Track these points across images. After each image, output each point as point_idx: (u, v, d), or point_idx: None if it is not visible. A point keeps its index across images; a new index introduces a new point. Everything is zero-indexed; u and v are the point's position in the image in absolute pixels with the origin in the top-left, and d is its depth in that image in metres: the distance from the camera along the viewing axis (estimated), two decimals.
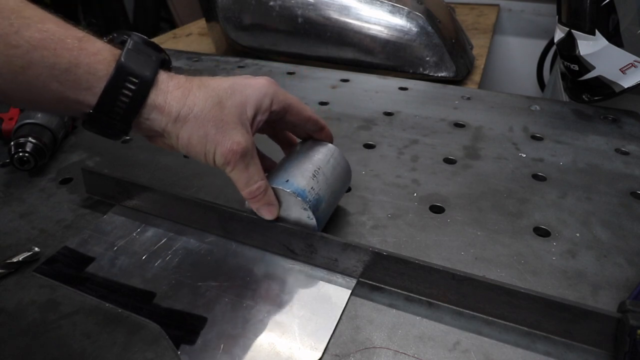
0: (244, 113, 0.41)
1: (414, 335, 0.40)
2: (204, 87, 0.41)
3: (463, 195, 0.56)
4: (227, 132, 0.40)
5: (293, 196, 0.43)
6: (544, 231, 0.50)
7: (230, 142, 0.40)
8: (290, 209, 0.44)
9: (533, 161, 0.63)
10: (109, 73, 0.37)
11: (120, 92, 0.38)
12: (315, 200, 0.44)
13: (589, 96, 0.74)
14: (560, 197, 0.56)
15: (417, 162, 0.63)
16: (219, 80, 0.42)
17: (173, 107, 0.39)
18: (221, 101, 0.40)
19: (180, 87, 0.40)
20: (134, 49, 0.39)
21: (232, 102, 0.41)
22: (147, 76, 0.39)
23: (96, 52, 0.37)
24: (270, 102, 0.43)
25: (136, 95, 0.38)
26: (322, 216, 0.46)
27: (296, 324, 0.41)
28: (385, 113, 0.76)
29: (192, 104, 0.39)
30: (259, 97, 0.42)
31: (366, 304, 0.43)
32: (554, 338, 0.39)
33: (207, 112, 0.39)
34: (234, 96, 0.41)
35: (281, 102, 0.44)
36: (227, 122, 0.40)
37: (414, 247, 0.49)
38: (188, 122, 0.39)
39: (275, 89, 0.44)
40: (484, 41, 1.20)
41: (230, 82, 0.42)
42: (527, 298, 0.38)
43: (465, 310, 0.42)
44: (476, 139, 0.68)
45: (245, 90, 0.42)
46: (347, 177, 0.51)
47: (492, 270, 0.45)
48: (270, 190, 0.44)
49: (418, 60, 0.91)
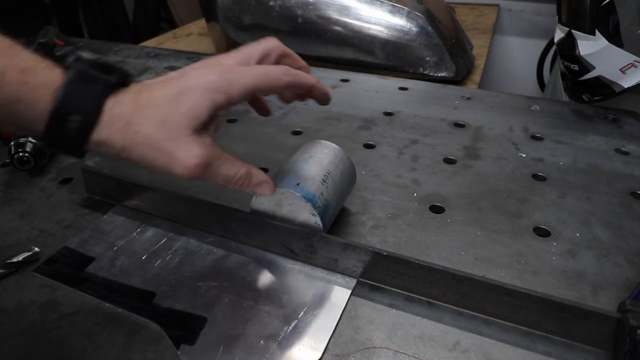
0: (195, 118, 0.37)
1: (414, 335, 0.40)
2: (148, 106, 0.37)
3: (463, 195, 0.56)
4: (181, 149, 0.36)
5: (303, 200, 0.43)
6: (544, 231, 0.50)
7: (186, 158, 0.36)
8: (298, 212, 0.44)
9: (533, 161, 0.63)
10: (49, 110, 0.34)
11: (63, 128, 0.35)
12: (323, 206, 0.44)
13: (589, 96, 0.74)
14: (560, 197, 0.56)
15: (417, 162, 0.63)
16: (164, 86, 0.38)
17: (117, 142, 0.36)
18: (167, 118, 0.36)
19: (121, 116, 0.36)
20: (77, 78, 0.35)
21: (179, 113, 0.36)
22: (89, 111, 0.35)
23: (38, 86, 0.34)
24: (226, 97, 0.38)
25: (79, 132, 0.35)
26: (328, 222, 0.46)
27: (296, 324, 0.41)
28: (385, 113, 0.76)
29: (134, 132, 0.36)
30: (209, 97, 0.37)
31: (366, 304, 0.43)
32: (554, 338, 0.39)
33: (153, 135, 0.36)
34: (180, 105, 0.37)
35: (241, 92, 0.38)
36: (178, 138, 0.36)
37: (414, 247, 0.49)
38: (136, 148, 0.36)
39: (227, 81, 0.38)
40: (484, 41, 1.20)
41: (176, 87, 0.37)
42: (527, 298, 0.38)
43: (465, 310, 0.42)
44: (476, 139, 0.68)
45: (192, 94, 0.37)
46: (353, 181, 0.51)
47: (492, 270, 0.45)
48: (256, 170, 0.41)
49: (418, 60, 0.91)
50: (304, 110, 0.77)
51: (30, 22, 2.09)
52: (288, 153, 0.63)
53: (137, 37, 2.26)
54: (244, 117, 0.75)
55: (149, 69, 0.96)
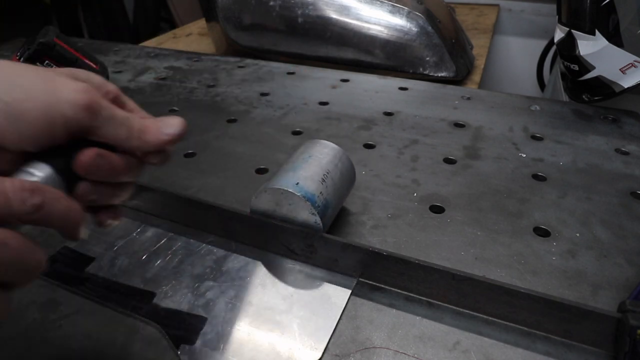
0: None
1: (413, 335, 0.40)
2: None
3: (463, 195, 0.56)
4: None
5: (302, 200, 0.43)
6: (544, 231, 0.50)
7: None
8: (297, 211, 0.44)
9: (533, 161, 0.63)
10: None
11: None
12: (323, 206, 0.44)
13: (589, 96, 0.74)
14: (560, 197, 0.56)
15: (417, 162, 0.63)
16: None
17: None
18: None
19: None
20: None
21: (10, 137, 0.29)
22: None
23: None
24: (64, 130, 0.30)
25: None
26: (328, 221, 0.46)
27: (296, 324, 0.41)
28: (385, 113, 0.76)
29: None
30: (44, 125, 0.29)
31: (366, 303, 0.43)
32: (554, 338, 0.39)
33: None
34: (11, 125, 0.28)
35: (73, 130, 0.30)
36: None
37: (413, 247, 0.49)
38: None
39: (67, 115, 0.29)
40: (484, 41, 1.20)
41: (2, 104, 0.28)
42: (527, 298, 0.38)
43: (465, 310, 0.42)
44: (476, 139, 0.68)
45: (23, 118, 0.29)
46: (352, 180, 0.51)
47: (492, 270, 0.45)
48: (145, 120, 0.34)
49: (418, 60, 0.91)
50: (304, 110, 0.77)
51: (30, 22, 2.09)
52: (288, 153, 0.64)
53: (137, 37, 2.26)
54: (244, 117, 0.75)
55: (149, 69, 0.96)
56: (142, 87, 0.88)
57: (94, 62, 0.83)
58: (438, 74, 0.91)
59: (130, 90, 0.87)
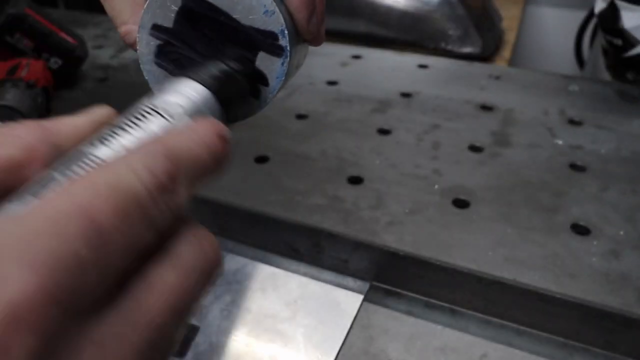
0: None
1: (434, 347, 0.40)
2: None
3: (491, 188, 0.56)
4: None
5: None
6: (583, 228, 0.50)
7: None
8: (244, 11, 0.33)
9: (571, 149, 0.62)
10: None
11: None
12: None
13: (635, 75, 0.73)
14: (601, 190, 0.55)
15: (438, 150, 0.62)
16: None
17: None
18: None
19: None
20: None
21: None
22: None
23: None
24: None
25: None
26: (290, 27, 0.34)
27: (301, 334, 0.41)
28: (402, 94, 0.76)
29: None
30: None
31: (380, 311, 0.43)
32: (594, 350, 0.39)
33: None
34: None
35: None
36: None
37: (434, 246, 0.48)
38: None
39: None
40: (514, 12, 1.19)
41: None
42: (564, 304, 0.38)
43: (493, 318, 0.42)
44: (506, 123, 0.68)
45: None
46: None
47: (523, 273, 0.45)
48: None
49: (440, 33, 0.91)
50: (310, 90, 0.77)
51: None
52: (292, 139, 0.63)
53: None
54: None
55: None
56: (125, 64, 0.88)
57: (71, 36, 0.83)
58: (462, 49, 0.91)
59: (113, 68, 0.87)
